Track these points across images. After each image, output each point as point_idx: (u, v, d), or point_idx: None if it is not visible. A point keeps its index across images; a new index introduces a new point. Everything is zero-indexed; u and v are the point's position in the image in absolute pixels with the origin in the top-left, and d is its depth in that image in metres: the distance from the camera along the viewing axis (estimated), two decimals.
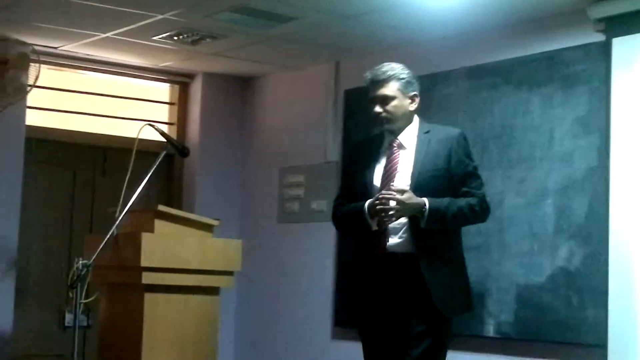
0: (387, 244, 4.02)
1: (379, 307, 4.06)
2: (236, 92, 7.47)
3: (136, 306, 4.79)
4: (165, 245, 4.87)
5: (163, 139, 5.03)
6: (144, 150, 5.00)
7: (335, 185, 6.32)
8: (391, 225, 4.00)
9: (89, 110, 7.03)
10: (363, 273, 4.11)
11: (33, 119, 6.68)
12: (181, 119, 7.41)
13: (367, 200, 4.05)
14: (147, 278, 4.77)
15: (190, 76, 7.39)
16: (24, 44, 6.32)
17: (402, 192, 3.94)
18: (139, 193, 4.76)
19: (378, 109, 4.14)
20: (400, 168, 4.09)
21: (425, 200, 3.96)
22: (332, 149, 6.58)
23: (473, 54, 5.83)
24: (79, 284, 4.56)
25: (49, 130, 6.82)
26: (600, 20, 5.10)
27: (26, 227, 6.57)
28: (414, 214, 3.97)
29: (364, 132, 6.29)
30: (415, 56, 6.12)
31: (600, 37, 5.14)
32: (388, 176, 4.08)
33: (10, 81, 6.18)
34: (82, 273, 4.51)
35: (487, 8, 5.38)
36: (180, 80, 7.41)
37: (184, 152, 5.08)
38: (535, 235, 5.36)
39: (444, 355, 4.11)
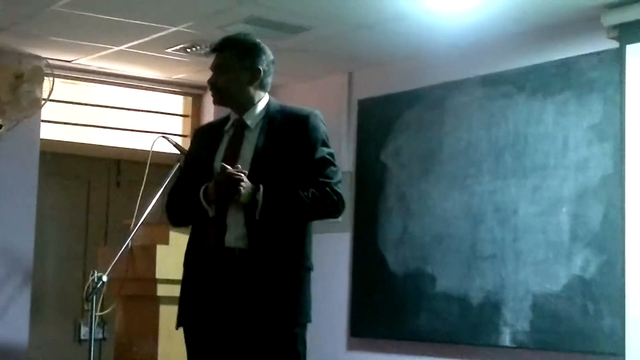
0: (225, 236, 3.46)
1: (208, 306, 3.50)
2: None
3: (151, 318, 4.80)
4: (180, 257, 4.84)
5: (177, 151, 5.03)
6: (158, 163, 5.01)
7: (350, 196, 6.32)
8: (230, 217, 3.46)
9: (103, 123, 7.05)
10: (195, 267, 3.59)
11: (47, 132, 6.70)
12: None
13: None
14: (162, 290, 4.77)
15: (204, 88, 7.38)
16: (38, 57, 6.36)
17: (240, 172, 3.41)
18: (154, 205, 4.76)
19: (210, 80, 3.59)
20: (243, 152, 3.53)
21: (261, 187, 3.41)
22: (346, 159, 6.56)
23: (487, 62, 5.82)
24: (95, 297, 4.57)
25: (63, 144, 6.84)
26: (614, 27, 5.09)
27: (41, 240, 6.59)
28: (248, 200, 3.41)
29: (375, 142, 6.31)
30: (428, 65, 6.14)
31: (614, 44, 5.12)
32: (229, 161, 3.49)
33: (24, 95, 6.20)
34: (98, 285, 4.51)
35: (500, 16, 5.37)
36: (194, 93, 7.42)
37: None
38: (550, 244, 5.34)
39: None
